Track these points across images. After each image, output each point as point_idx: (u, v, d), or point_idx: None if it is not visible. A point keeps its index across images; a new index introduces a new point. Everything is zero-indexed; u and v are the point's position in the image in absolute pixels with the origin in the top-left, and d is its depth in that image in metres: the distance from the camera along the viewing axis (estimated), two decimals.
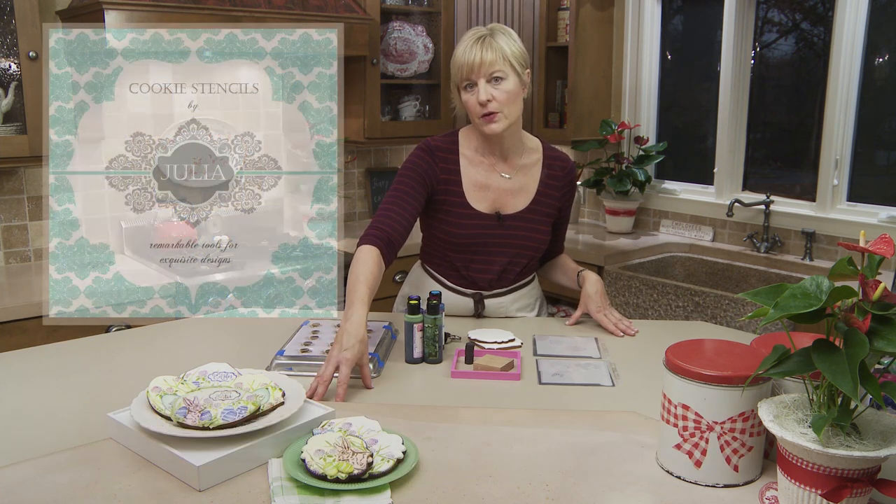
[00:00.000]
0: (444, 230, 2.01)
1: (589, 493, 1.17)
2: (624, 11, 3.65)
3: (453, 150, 2.01)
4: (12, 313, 2.32)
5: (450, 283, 2.07)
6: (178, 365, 1.63)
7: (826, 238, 3.06)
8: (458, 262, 2.03)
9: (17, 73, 2.54)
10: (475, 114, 1.91)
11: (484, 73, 1.86)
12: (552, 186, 2.05)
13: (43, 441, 1.33)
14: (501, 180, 2.01)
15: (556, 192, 2.05)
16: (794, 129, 3.31)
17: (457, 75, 1.92)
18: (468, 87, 1.90)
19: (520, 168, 2.03)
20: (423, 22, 3.59)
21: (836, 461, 1.00)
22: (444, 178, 1.99)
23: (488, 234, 2.00)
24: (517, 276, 2.08)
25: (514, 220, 2.01)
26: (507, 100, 1.88)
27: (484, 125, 1.91)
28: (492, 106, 1.87)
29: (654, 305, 2.92)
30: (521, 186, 2.02)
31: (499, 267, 2.03)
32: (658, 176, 3.75)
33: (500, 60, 1.85)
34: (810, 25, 3.23)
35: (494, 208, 2.00)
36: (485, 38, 1.87)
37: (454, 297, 2.06)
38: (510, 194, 2.01)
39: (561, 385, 1.61)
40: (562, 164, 2.07)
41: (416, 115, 3.66)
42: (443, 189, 1.99)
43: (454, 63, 1.92)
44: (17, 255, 2.82)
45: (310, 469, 1.16)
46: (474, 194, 2.00)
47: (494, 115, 1.89)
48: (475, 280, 2.04)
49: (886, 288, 1.00)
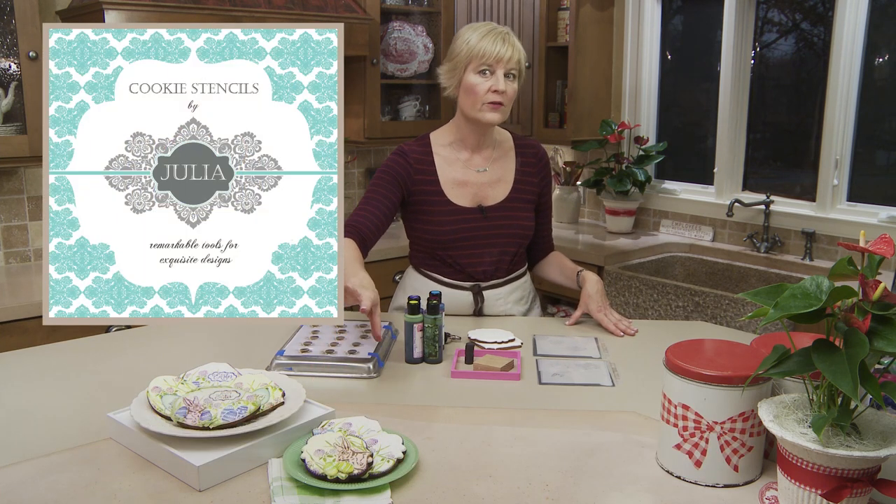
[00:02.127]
0: (428, 230, 2.05)
1: (589, 493, 1.17)
2: (624, 11, 3.65)
3: (427, 152, 2.06)
4: (12, 313, 2.32)
5: (447, 280, 2.09)
6: (178, 365, 1.63)
7: (826, 238, 3.06)
8: (449, 260, 2.06)
9: (17, 73, 2.54)
10: (481, 99, 1.95)
11: (505, 67, 1.94)
12: (528, 173, 2.10)
13: (43, 441, 1.33)
14: (478, 174, 2.07)
15: (534, 178, 2.11)
16: (794, 129, 3.31)
17: (474, 58, 1.93)
18: (483, 73, 1.94)
19: (494, 160, 2.09)
20: (423, 22, 3.59)
21: (836, 461, 1.00)
22: (419, 178, 2.03)
23: (473, 228, 2.04)
24: (510, 265, 2.11)
25: (497, 210, 2.06)
26: (512, 97, 1.98)
27: (486, 112, 1.96)
28: (502, 98, 1.95)
29: (654, 305, 2.92)
30: (498, 177, 2.08)
31: (490, 258, 2.07)
32: (658, 176, 3.75)
33: (517, 61, 1.96)
34: (810, 25, 3.23)
35: (476, 202, 2.06)
36: (506, 36, 1.96)
37: (453, 293, 2.08)
38: (489, 186, 2.07)
39: (561, 385, 1.61)
40: (533, 150, 2.13)
41: (416, 115, 3.66)
42: (419, 189, 2.03)
43: (470, 47, 1.94)
44: (17, 255, 2.82)
45: (310, 469, 1.16)
46: (453, 191, 2.05)
47: (500, 107, 1.96)
48: (470, 273, 2.07)
49: (886, 288, 1.00)
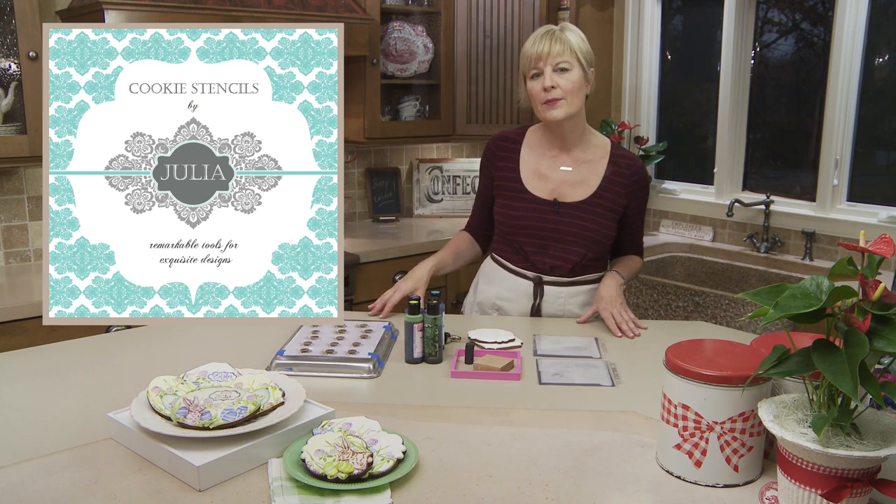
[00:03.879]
0: (502, 213, 2.12)
1: (589, 493, 1.17)
2: (624, 11, 3.65)
3: (517, 141, 2.15)
4: (12, 313, 2.32)
5: (512, 266, 2.13)
6: (178, 365, 1.63)
7: (826, 238, 3.06)
8: (516, 245, 2.11)
9: (17, 73, 2.54)
10: (538, 100, 2.00)
11: (551, 62, 1.96)
12: (617, 183, 2.09)
13: (43, 441, 1.33)
14: (561, 172, 2.09)
15: (622, 189, 2.09)
16: (794, 129, 3.31)
17: (525, 65, 2.02)
18: (535, 76, 2.00)
19: (582, 161, 2.10)
20: (423, 22, 3.59)
21: (836, 461, 1.00)
22: (501, 164, 2.14)
23: (544, 220, 2.07)
24: (577, 266, 2.09)
25: (571, 209, 2.07)
26: (571, 89, 1.98)
27: (546, 111, 2.00)
28: (555, 93, 1.97)
29: (654, 305, 2.92)
30: (582, 179, 2.09)
31: (555, 253, 2.08)
32: (658, 176, 3.75)
33: (568, 52, 1.97)
34: (810, 25, 3.23)
35: (553, 196, 2.08)
36: (554, 32, 1.99)
37: (516, 281, 2.12)
38: (569, 185, 2.09)
39: (561, 385, 1.61)
40: (629, 162, 2.12)
41: (416, 115, 3.66)
42: (502, 175, 2.13)
43: (523, 54, 2.03)
44: (17, 255, 2.82)
45: (310, 469, 1.16)
46: (533, 182, 2.10)
47: (557, 102, 1.98)
48: (534, 263, 2.10)
49: (886, 288, 1.00)
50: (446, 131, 3.62)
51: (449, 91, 3.60)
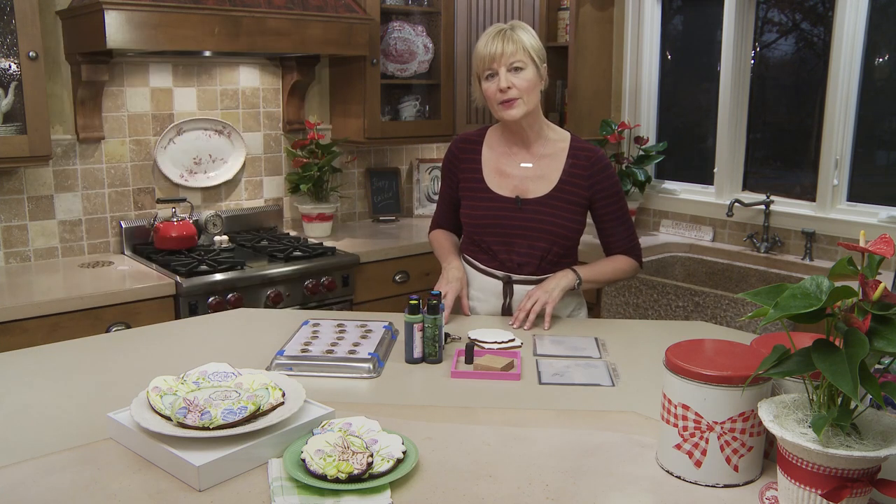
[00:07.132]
0: (467, 214, 2.16)
1: (589, 493, 1.17)
2: (624, 11, 3.65)
3: (478, 142, 2.18)
4: (12, 313, 2.32)
5: (481, 266, 2.15)
6: (178, 365, 1.63)
7: (826, 238, 3.06)
8: (483, 244, 2.13)
9: (17, 73, 2.54)
10: (494, 101, 2.02)
11: (504, 63, 1.98)
12: (577, 175, 2.10)
13: (43, 441, 1.33)
14: (522, 169, 2.12)
15: (583, 182, 2.09)
16: (794, 129, 3.31)
17: (479, 66, 2.04)
18: (489, 77, 2.02)
19: (541, 156, 2.12)
20: (423, 22, 3.59)
21: (836, 461, 1.00)
22: (464, 166, 2.17)
23: (507, 217, 2.09)
24: (545, 263, 2.10)
25: (533, 204, 2.08)
26: (527, 88, 2.00)
27: (503, 111, 2.02)
28: (511, 93, 1.99)
29: (654, 305, 2.92)
30: (542, 174, 2.11)
31: (520, 249, 2.09)
32: (658, 176, 3.75)
33: (521, 51, 1.98)
34: (810, 25, 3.23)
35: (515, 193, 2.10)
36: (505, 32, 2.00)
37: (486, 281, 2.14)
38: (530, 181, 2.11)
39: (561, 385, 1.61)
40: (588, 153, 2.12)
41: (416, 115, 3.66)
42: (464, 176, 2.17)
43: (476, 55, 2.05)
44: (17, 255, 2.82)
45: (310, 469, 1.16)
46: (495, 180, 2.13)
47: (514, 102, 2.00)
48: (503, 262, 2.12)
49: (886, 288, 1.00)
50: (446, 131, 3.62)
51: (449, 91, 3.60)
